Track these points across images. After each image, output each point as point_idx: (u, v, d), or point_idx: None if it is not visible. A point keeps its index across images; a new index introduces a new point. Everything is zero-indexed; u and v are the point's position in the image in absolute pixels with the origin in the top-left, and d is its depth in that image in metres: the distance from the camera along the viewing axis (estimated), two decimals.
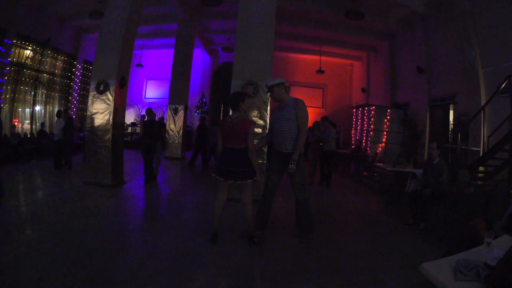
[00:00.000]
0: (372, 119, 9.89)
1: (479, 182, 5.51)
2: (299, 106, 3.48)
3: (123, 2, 5.94)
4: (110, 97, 5.85)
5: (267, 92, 3.65)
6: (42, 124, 10.02)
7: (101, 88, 5.86)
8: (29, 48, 9.52)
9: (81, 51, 12.02)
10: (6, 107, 8.95)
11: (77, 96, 12.21)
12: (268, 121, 5.42)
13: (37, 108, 10.31)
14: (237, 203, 3.87)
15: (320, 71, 12.77)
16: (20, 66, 9.28)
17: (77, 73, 12.07)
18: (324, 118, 7.51)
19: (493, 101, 5.96)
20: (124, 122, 6.58)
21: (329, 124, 7.34)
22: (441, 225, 4.38)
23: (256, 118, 5.37)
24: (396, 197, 5.94)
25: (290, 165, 3.40)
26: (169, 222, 4.18)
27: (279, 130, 3.53)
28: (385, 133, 9.82)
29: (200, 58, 14.51)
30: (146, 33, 11.88)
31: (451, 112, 8.12)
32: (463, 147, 7.02)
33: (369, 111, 10.11)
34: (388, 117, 9.84)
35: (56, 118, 7.99)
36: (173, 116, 10.55)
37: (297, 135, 3.48)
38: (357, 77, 14.49)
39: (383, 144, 9.82)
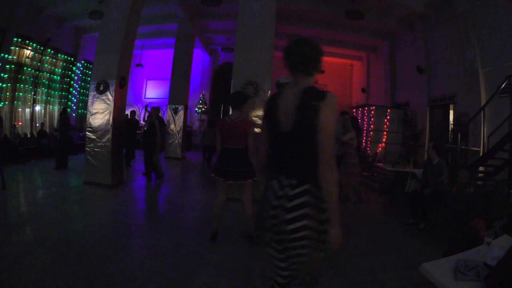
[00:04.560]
0: (372, 119, 9.89)
1: (479, 182, 5.51)
2: None
3: (123, 2, 5.93)
4: (110, 97, 5.84)
5: (277, 88, 3.55)
6: (42, 124, 10.02)
7: (101, 88, 5.86)
8: (29, 48, 9.51)
9: (81, 51, 12.01)
10: (6, 107, 8.95)
11: (77, 96, 12.22)
12: None
13: (37, 108, 10.31)
14: (237, 203, 3.87)
15: (320, 71, 12.75)
16: (20, 66, 9.28)
17: (77, 73, 12.07)
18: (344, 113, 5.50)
19: (493, 101, 5.95)
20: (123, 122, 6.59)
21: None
22: (441, 225, 4.38)
23: (256, 118, 5.37)
24: (396, 197, 5.94)
25: None
26: (169, 222, 4.18)
27: None
28: (385, 133, 9.81)
29: (200, 58, 14.50)
30: (146, 33, 11.86)
31: (451, 112, 8.12)
32: (463, 147, 7.02)
33: (369, 111, 10.11)
34: (388, 117, 9.84)
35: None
36: (173, 116, 10.54)
37: None
38: (357, 77, 14.48)
39: (383, 144, 9.81)
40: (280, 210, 1.48)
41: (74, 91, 11.96)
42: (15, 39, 8.73)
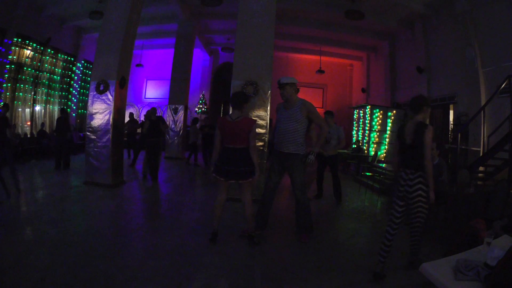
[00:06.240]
0: (372, 119, 9.88)
1: (479, 182, 5.50)
2: (310, 108, 3.49)
3: (123, 2, 5.93)
4: (110, 97, 5.84)
5: (279, 88, 3.54)
6: (42, 124, 10.02)
7: (101, 88, 5.86)
8: (29, 48, 9.51)
9: (81, 51, 12.00)
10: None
11: (77, 96, 12.22)
12: (268, 121, 5.41)
13: (37, 108, 10.31)
14: (237, 203, 3.87)
15: (320, 71, 12.77)
16: (20, 66, 9.28)
17: (77, 73, 12.07)
18: (329, 113, 5.89)
19: (493, 101, 5.95)
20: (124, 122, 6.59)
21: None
22: (441, 225, 4.38)
23: (256, 118, 5.36)
24: None
25: (309, 156, 3.43)
26: (169, 222, 4.18)
27: (284, 130, 3.51)
28: (385, 133, 9.81)
29: (200, 58, 14.50)
30: (146, 33, 11.87)
31: (451, 112, 8.12)
32: (463, 147, 7.02)
33: (370, 111, 10.11)
34: (388, 117, 9.83)
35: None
36: (173, 116, 10.54)
37: (301, 136, 3.50)
38: (357, 77, 14.48)
39: (384, 144, 9.81)
40: (407, 187, 2.78)
41: (74, 91, 11.95)
42: (15, 39, 8.72)
